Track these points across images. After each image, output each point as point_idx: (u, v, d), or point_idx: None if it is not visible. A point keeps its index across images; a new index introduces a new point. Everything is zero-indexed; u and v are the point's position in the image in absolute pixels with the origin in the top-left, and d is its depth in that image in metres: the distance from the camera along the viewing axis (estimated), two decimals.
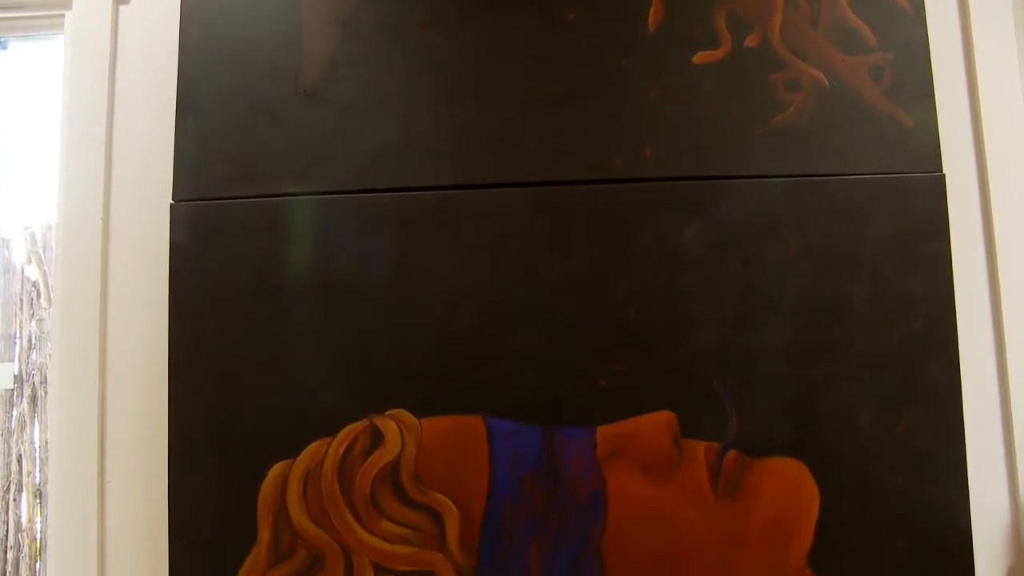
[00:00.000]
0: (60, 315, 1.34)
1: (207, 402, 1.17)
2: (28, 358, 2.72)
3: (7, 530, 2.69)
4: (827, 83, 1.18)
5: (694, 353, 1.14)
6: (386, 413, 1.15)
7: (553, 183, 1.18)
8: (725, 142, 1.18)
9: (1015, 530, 1.21)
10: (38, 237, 2.76)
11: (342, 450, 1.15)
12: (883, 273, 1.15)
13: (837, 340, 1.14)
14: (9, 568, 2.67)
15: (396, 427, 1.14)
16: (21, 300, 2.75)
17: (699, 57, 1.20)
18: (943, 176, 1.17)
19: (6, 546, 2.69)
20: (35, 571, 2.66)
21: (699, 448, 1.13)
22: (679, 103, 1.19)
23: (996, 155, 1.28)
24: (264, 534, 1.15)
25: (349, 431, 1.15)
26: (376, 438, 1.14)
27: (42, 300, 2.74)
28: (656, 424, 1.13)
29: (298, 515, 1.14)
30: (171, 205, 1.22)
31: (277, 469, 1.15)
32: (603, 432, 1.13)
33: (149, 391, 1.28)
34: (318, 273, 1.19)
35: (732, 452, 1.12)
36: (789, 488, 1.12)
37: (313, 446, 1.15)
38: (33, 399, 2.71)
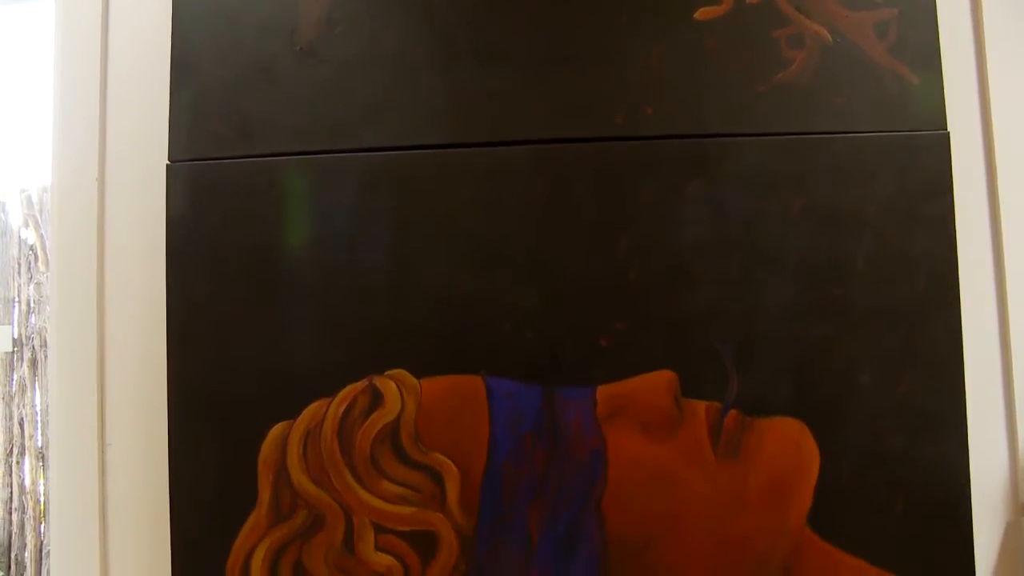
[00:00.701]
0: (57, 278, 1.33)
1: (206, 363, 1.17)
2: (27, 322, 2.73)
3: (11, 493, 2.71)
4: (830, 40, 1.16)
5: (695, 312, 1.14)
6: (385, 373, 1.15)
7: (553, 141, 1.16)
8: (727, 100, 1.16)
9: (1013, 487, 1.21)
10: (34, 200, 2.75)
11: (342, 410, 1.15)
12: (886, 232, 1.14)
13: (839, 299, 1.13)
14: (14, 529, 2.69)
15: (395, 387, 1.14)
16: (19, 264, 2.74)
17: (701, 13, 1.18)
18: (947, 134, 1.15)
19: (11, 508, 2.72)
20: (39, 532, 2.69)
21: (700, 408, 1.13)
22: (680, 60, 1.17)
23: (1001, 113, 1.26)
24: (265, 495, 1.15)
25: (348, 391, 1.15)
26: (376, 398, 1.14)
27: (40, 264, 2.74)
28: (656, 383, 1.13)
29: (298, 475, 1.15)
30: (167, 166, 1.20)
31: (277, 430, 1.15)
32: (603, 391, 1.13)
33: (148, 353, 1.27)
34: (316, 232, 1.18)
35: (733, 412, 1.12)
36: (789, 448, 1.12)
37: (313, 407, 1.15)
38: (33, 363, 2.71)
